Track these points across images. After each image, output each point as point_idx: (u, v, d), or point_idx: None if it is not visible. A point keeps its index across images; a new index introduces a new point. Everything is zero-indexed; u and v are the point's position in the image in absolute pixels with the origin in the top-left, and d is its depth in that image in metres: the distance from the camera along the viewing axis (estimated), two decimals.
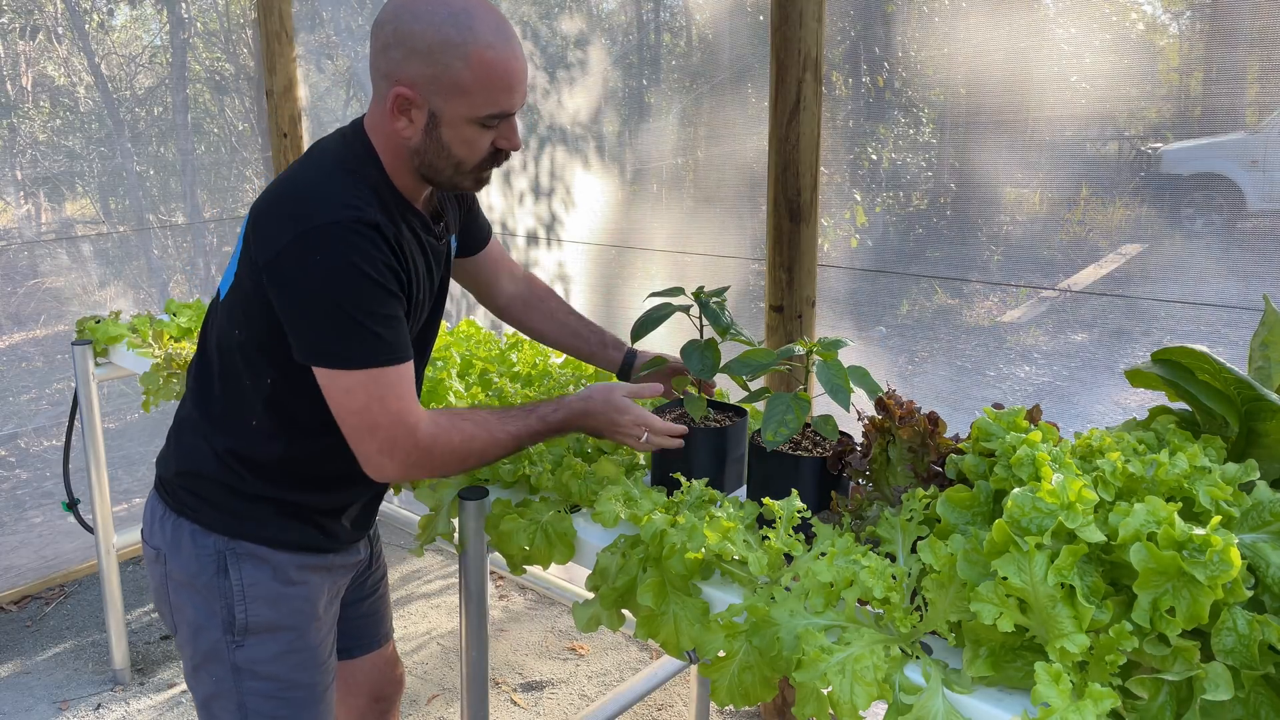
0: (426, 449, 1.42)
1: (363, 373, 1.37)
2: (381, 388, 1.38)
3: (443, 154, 1.44)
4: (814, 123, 2.27)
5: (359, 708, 1.97)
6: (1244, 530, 1.10)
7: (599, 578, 1.39)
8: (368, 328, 1.36)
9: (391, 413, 1.39)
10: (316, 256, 1.34)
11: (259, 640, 1.57)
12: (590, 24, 3.03)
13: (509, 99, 1.41)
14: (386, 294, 1.38)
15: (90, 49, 3.54)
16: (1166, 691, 0.98)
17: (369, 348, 1.37)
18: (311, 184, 1.42)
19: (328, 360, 1.38)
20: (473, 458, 1.48)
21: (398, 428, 1.40)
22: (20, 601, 3.58)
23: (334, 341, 1.36)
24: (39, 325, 3.56)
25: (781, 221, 2.35)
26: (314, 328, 1.37)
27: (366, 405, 1.39)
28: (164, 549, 1.58)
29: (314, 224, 1.35)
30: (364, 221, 1.36)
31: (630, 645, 3.30)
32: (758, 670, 1.16)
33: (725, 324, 1.67)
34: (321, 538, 1.62)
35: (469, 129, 1.42)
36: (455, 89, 1.38)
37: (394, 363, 1.39)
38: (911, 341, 2.42)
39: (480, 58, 1.36)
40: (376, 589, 1.92)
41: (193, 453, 1.57)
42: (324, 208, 1.36)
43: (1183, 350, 1.31)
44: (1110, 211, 2.10)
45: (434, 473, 1.48)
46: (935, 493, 1.25)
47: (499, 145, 1.46)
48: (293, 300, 1.38)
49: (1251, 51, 1.90)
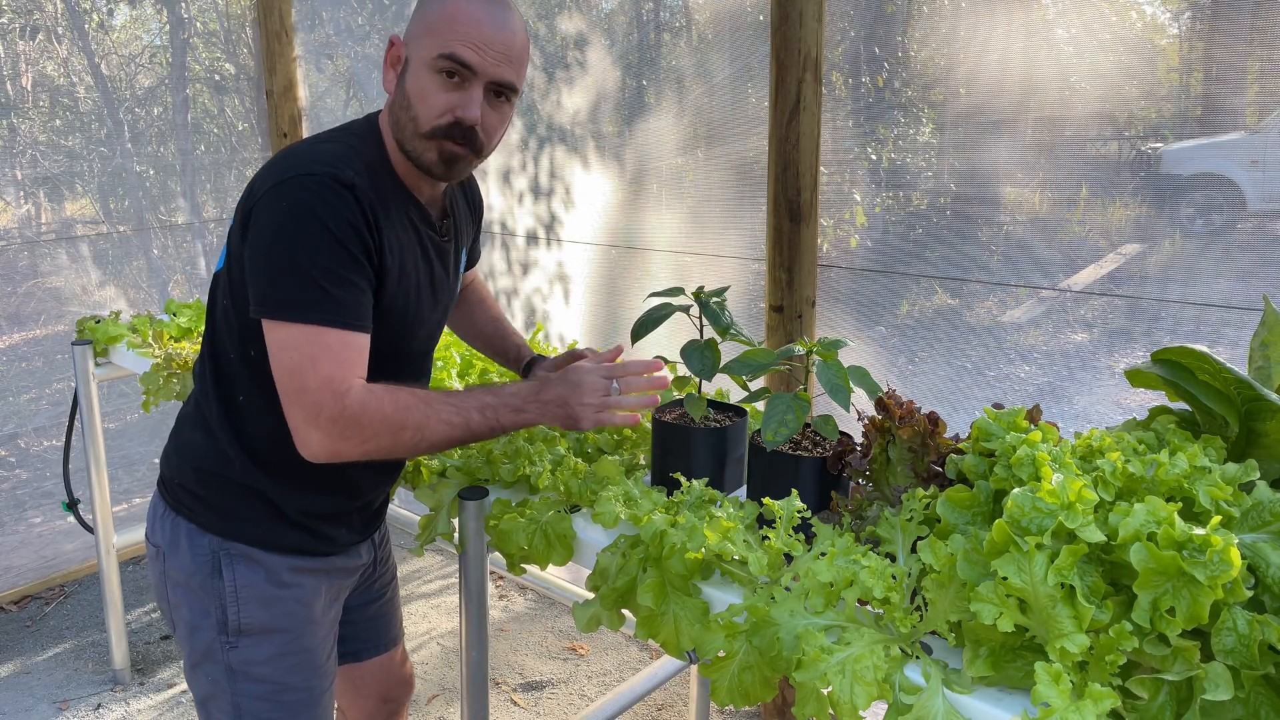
0: (354, 418, 1.32)
1: (301, 327, 1.31)
2: (317, 348, 1.31)
3: (405, 105, 1.42)
4: (814, 123, 2.27)
5: (367, 709, 1.95)
6: (1244, 530, 1.10)
7: (599, 578, 1.39)
8: (316, 281, 1.30)
9: (321, 376, 1.30)
10: (283, 204, 1.32)
11: (253, 642, 1.55)
12: (590, 24, 3.03)
13: (465, 49, 1.37)
14: (346, 254, 1.33)
15: (90, 49, 3.55)
16: (1166, 691, 0.98)
17: (313, 301, 1.30)
18: (301, 147, 1.42)
19: (270, 309, 1.32)
20: (408, 430, 1.36)
21: (324, 392, 1.31)
22: (20, 601, 3.58)
23: (279, 290, 1.31)
24: (39, 325, 3.56)
25: (781, 221, 2.35)
26: (265, 275, 1.33)
27: (299, 364, 1.31)
28: (163, 547, 1.58)
29: (288, 175, 1.34)
30: (337, 178, 1.33)
31: (630, 645, 3.30)
32: (758, 670, 1.16)
33: (725, 324, 1.67)
34: (315, 541, 1.60)
35: (426, 75, 1.39)
36: (425, 29, 1.39)
37: (339, 326, 1.32)
38: (911, 341, 2.42)
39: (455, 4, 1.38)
40: (384, 592, 1.89)
41: (189, 444, 1.57)
42: (302, 163, 1.35)
43: (1183, 350, 1.31)
44: (1110, 211, 2.10)
45: (365, 446, 1.35)
46: (935, 493, 1.25)
47: (456, 114, 1.40)
48: (253, 247, 1.35)
49: (1251, 51, 1.90)
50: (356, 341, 1.35)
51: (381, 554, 1.87)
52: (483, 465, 1.71)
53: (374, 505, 1.71)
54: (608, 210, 3.05)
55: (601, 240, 3.07)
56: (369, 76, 3.78)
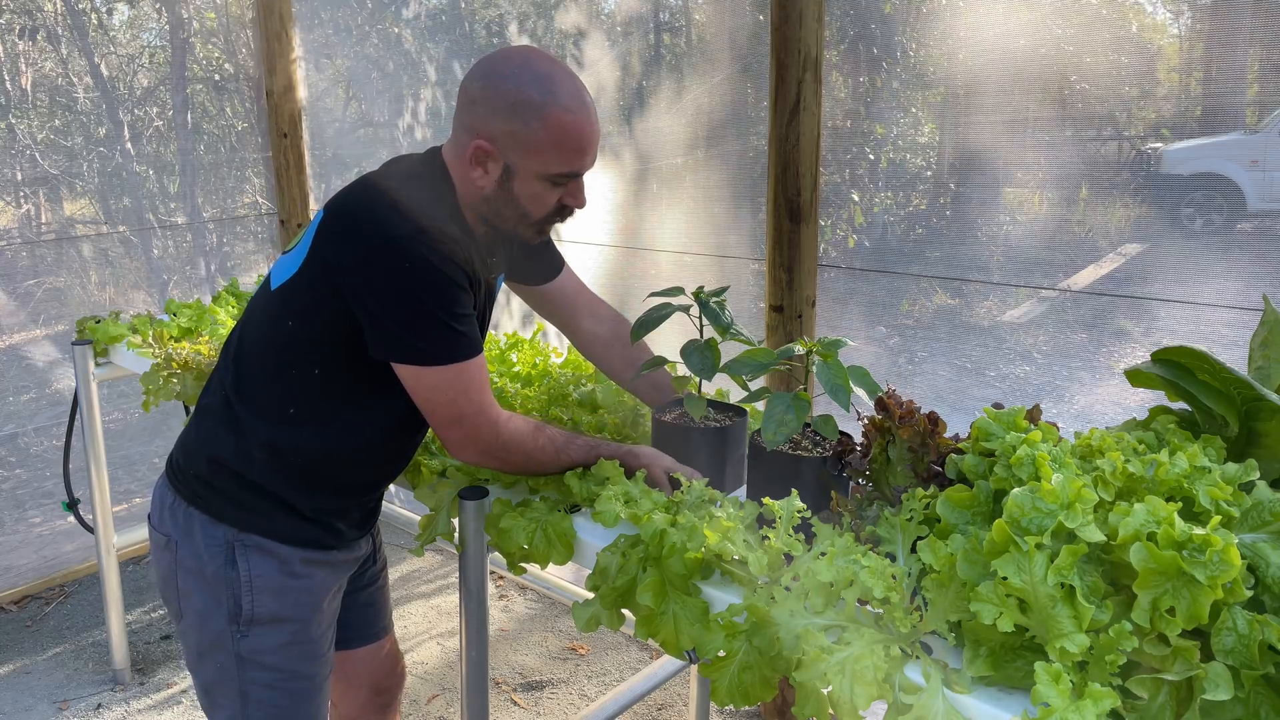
0: (505, 446, 1.54)
1: (450, 368, 1.47)
2: (465, 381, 1.48)
3: (512, 205, 1.55)
4: (814, 123, 2.27)
5: (359, 700, 1.99)
6: (1244, 530, 1.10)
7: (599, 577, 1.39)
8: (451, 326, 1.45)
9: (475, 404, 1.50)
10: (405, 263, 1.42)
11: (263, 631, 1.60)
12: (590, 24, 3.03)
13: (580, 160, 1.52)
14: (463, 292, 1.47)
15: (90, 49, 3.55)
16: (1166, 691, 0.98)
17: (454, 345, 1.46)
18: (393, 194, 1.50)
19: (416, 358, 1.47)
20: (533, 466, 1.59)
21: (481, 418, 1.51)
22: (20, 601, 3.58)
23: (422, 340, 1.45)
24: (39, 325, 3.56)
25: (781, 221, 2.35)
26: (402, 328, 1.45)
27: (454, 399, 1.49)
28: (175, 536, 1.60)
29: (399, 232, 1.43)
30: (442, 231, 1.46)
31: (630, 645, 3.30)
32: (758, 670, 1.16)
33: (725, 323, 1.68)
34: (326, 535, 1.65)
35: (539, 185, 1.53)
36: (531, 147, 1.49)
37: (473, 356, 1.49)
38: (911, 341, 2.42)
39: (558, 120, 1.47)
40: (376, 580, 1.95)
41: (213, 439, 1.60)
42: (405, 216, 1.45)
43: (1183, 350, 1.31)
44: (1110, 211, 2.10)
45: (502, 467, 1.59)
46: (935, 493, 1.25)
47: (565, 201, 1.57)
48: (380, 303, 1.45)
49: (1251, 51, 1.90)
50: (483, 360, 1.53)
51: (377, 543, 1.94)
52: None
53: (379, 500, 1.79)
54: (608, 210, 3.05)
55: (601, 240, 3.07)
56: (368, 77, 3.78)
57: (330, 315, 1.49)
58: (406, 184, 1.52)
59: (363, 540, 1.78)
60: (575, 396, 2.04)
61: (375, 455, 1.65)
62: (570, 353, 2.31)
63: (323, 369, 1.54)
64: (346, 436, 1.58)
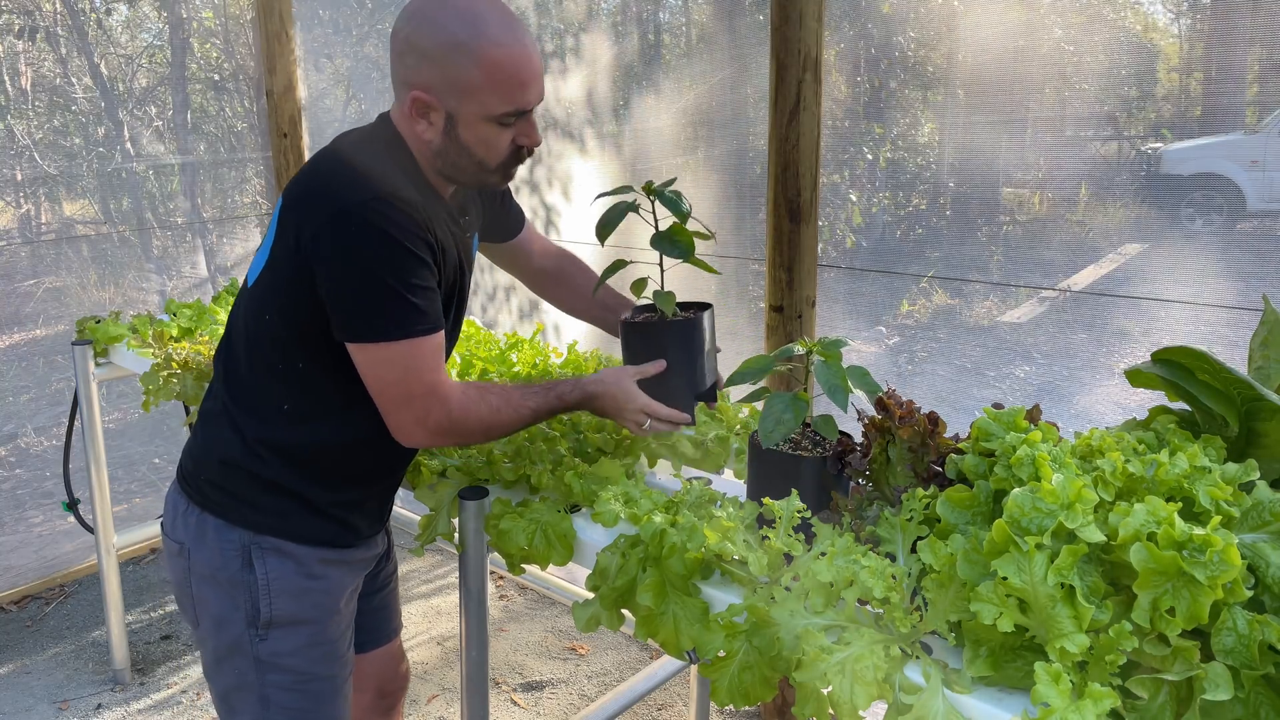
0: (459, 419, 1.48)
1: (401, 344, 1.41)
2: (417, 359, 1.42)
3: (464, 154, 1.48)
4: (814, 123, 2.27)
5: (364, 703, 1.98)
6: (1244, 530, 1.10)
7: (599, 578, 1.39)
8: (405, 298, 1.39)
9: (426, 384, 1.44)
10: (355, 231, 1.37)
11: (282, 633, 1.58)
12: (590, 23, 3.03)
13: (523, 95, 1.44)
14: (420, 264, 1.41)
15: (89, 49, 3.54)
16: (1166, 691, 0.98)
17: (407, 318, 1.40)
18: (344, 165, 1.45)
19: (368, 334, 1.41)
20: (496, 430, 1.54)
21: (431, 398, 1.45)
22: (20, 601, 3.58)
23: (375, 314, 1.40)
24: (39, 325, 3.56)
25: (781, 221, 2.35)
26: (355, 302, 1.40)
27: (403, 377, 1.43)
28: (188, 543, 1.59)
29: (352, 201, 1.38)
30: (398, 196, 1.40)
31: (630, 645, 3.30)
32: (758, 670, 1.16)
33: (685, 210, 1.66)
34: (343, 533, 1.63)
35: (486, 128, 1.45)
36: (468, 89, 1.41)
37: (430, 333, 1.43)
38: (911, 341, 2.42)
39: (491, 57, 1.39)
40: (388, 583, 1.94)
41: (220, 443, 1.58)
42: (359, 185, 1.40)
43: (1183, 350, 1.31)
44: (1110, 211, 2.10)
45: (460, 441, 1.54)
46: (935, 493, 1.25)
47: (520, 142, 1.49)
48: (334, 277, 1.40)
49: (1251, 51, 1.90)
50: (440, 339, 1.47)
51: (389, 543, 1.92)
52: (483, 465, 1.71)
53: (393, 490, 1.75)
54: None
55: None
56: (368, 76, 3.78)
57: (304, 303, 1.45)
58: (357, 153, 1.47)
59: (378, 537, 1.76)
60: None
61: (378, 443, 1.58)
62: (570, 352, 2.31)
63: (306, 361, 1.50)
64: (345, 428, 1.55)
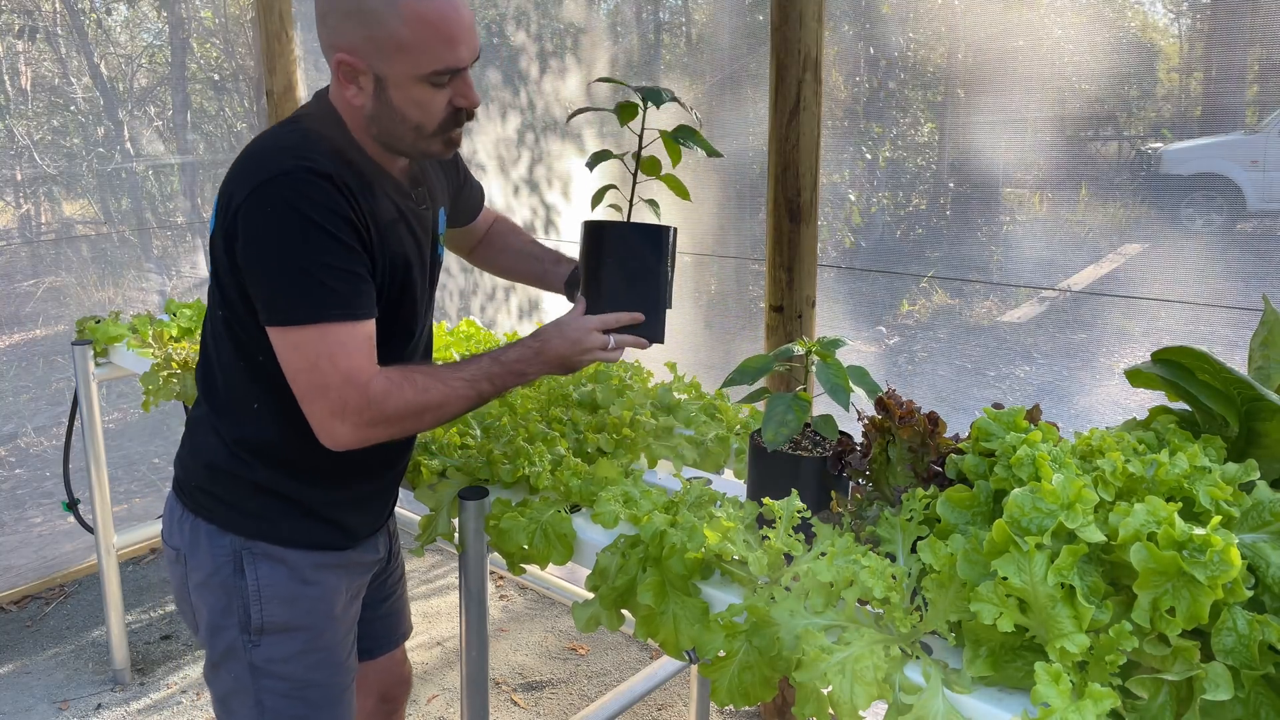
0: (379, 405, 1.35)
1: (312, 328, 1.31)
2: (331, 345, 1.31)
3: (399, 120, 1.38)
4: (814, 123, 2.27)
5: (366, 708, 1.96)
6: (1244, 530, 1.10)
7: (599, 578, 1.39)
8: (316, 278, 1.30)
9: (341, 371, 1.32)
10: (266, 208, 1.30)
11: (275, 639, 1.56)
12: (589, 23, 3.03)
13: (452, 52, 1.34)
14: (340, 245, 1.32)
15: (89, 49, 3.54)
16: (1166, 691, 0.98)
17: (318, 300, 1.30)
18: (266, 143, 1.39)
19: (278, 316, 1.32)
20: (430, 411, 1.40)
21: (348, 388, 1.33)
22: (20, 601, 3.58)
23: (283, 295, 1.31)
24: (39, 325, 3.56)
25: (781, 221, 2.35)
26: (266, 283, 1.32)
27: (315, 364, 1.32)
28: (183, 549, 1.58)
29: (263, 178, 1.31)
30: (313, 171, 1.31)
31: (630, 645, 3.30)
32: (758, 670, 1.16)
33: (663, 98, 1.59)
34: (337, 535, 1.60)
35: (418, 89, 1.35)
36: (394, 49, 1.32)
37: (346, 319, 1.32)
38: (911, 341, 2.42)
39: (414, 12, 1.30)
40: (396, 589, 1.91)
41: (205, 448, 1.56)
42: (272, 161, 1.33)
43: (1183, 350, 1.31)
44: (1110, 211, 2.10)
45: (392, 431, 1.40)
46: (935, 493, 1.25)
47: (457, 104, 1.39)
48: (247, 258, 1.34)
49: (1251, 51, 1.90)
50: (365, 330, 1.36)
51: (394, 548, 1.88)
52: (483, 465, 1.71)
53: (390, 488, 1.71)
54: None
55: None
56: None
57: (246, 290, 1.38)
58: (285, 129, 1.41)
59: (378, 539, 1.72)
60: (575, 397, 2.04)
61: None
62: None
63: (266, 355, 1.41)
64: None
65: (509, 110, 3.24)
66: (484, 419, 1.92)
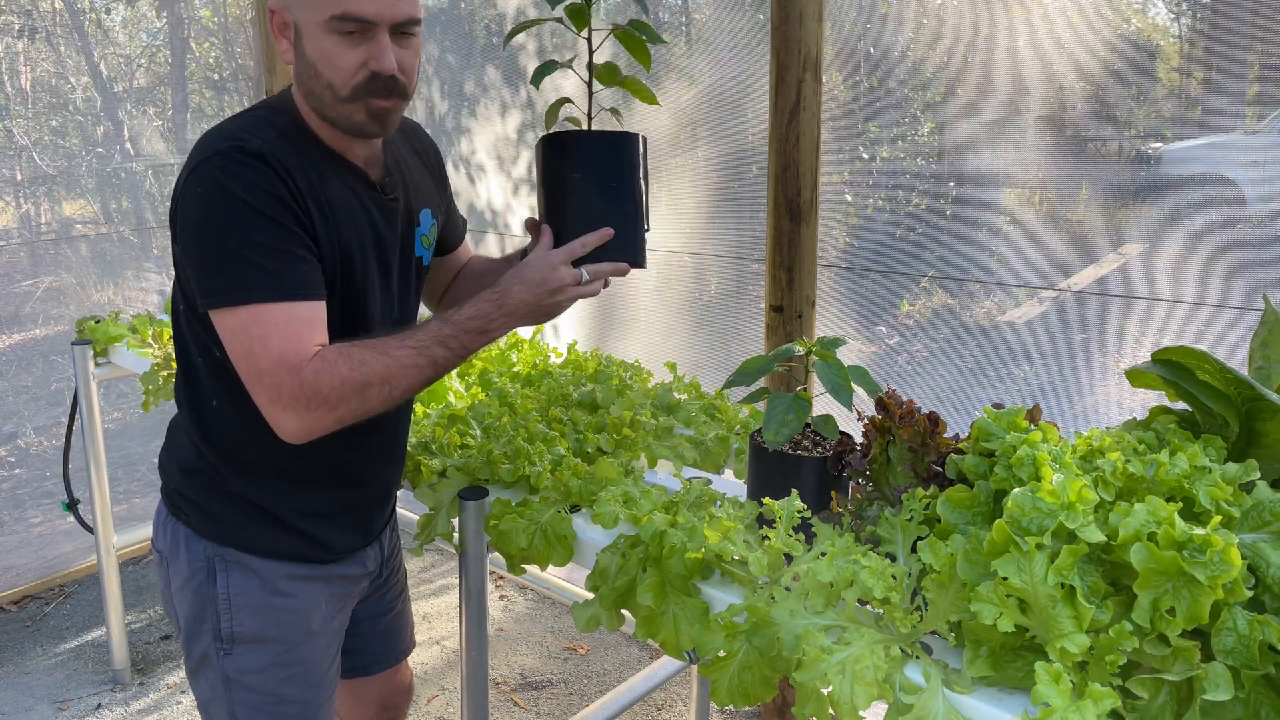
0: (312, 386, 1.25)
1: (245, 310, 1.25)
2: (263, 327, 1.25)
3: (314, 76, 1.33)
4: (814, 123, 2.27)
5: (367, 716, 1.91)
6: (1244, 530, 1.10)
7: (598, 578, 1.39)
8: (247, 258, 1.25)
9: (274, 355, 1.25)
10: (197, 190, 1.27)
11: (246, 650, 1.51)
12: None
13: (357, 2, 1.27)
14: (273, 224, 1.27)
15: (89, 49, 3.54)
16: (1166, 691, 0.98)
17: (249, 281, 1.25)
18: (211, 130, 1.36)
19: (213, 299, 1.27)
20: (373, 386, 1.28)
21: (280, 371, 1.25)
22: (20, 601, 3.58)
23: (216, 278, 1.26)
24: (39, 325, 3.56)
25: (781, 221, 2.35)
26: (199, 266, 1.28)
27: (250, 347, 1.26)
28: (165, 552, 1.56)
29: (197, 160, 1.29)
30: (244, 150, 1.27)
31: (630, 645, 3.30)
32: (758, 670, 1.16)
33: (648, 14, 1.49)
34: (311, 546, 1.54)
35: (327, 40, 1.29)
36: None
37: (280, 299, 1.26)
38: (911, 341, 2.42)
39: None
40: (395, 604, 1.84)
41: (179, 449, 1.54)
42: (208, 145, 1.30)
43: (1183, 350, 1.31)
44: (1110, 211, 2.10)
45: (337, 414, 1.28)
46: (935, 493, 1.25)
47: (371, 67, 1.31)
48: (181, 242, 1.31)
49: (1251, 51, 1.90)
50: (304, 312, 1.29)
51: (391, 564, 1.80)
52: (483, 465, 1.71)
53: (373, 503, 1.64)
54: None
55: None
56: None
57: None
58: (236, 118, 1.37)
59: (367, 553, 1.65)
60: (575, 396, 2.04)
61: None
62: (570, 352, 2.31)
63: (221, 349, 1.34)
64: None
65: (509, 109, 3.24)
66: (484, 419, 1.92)
